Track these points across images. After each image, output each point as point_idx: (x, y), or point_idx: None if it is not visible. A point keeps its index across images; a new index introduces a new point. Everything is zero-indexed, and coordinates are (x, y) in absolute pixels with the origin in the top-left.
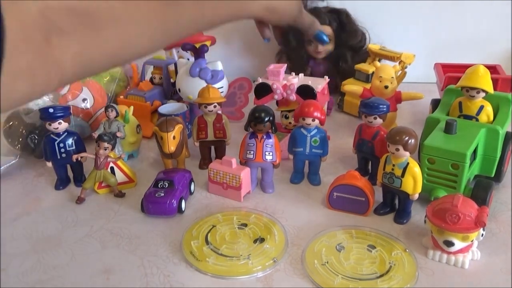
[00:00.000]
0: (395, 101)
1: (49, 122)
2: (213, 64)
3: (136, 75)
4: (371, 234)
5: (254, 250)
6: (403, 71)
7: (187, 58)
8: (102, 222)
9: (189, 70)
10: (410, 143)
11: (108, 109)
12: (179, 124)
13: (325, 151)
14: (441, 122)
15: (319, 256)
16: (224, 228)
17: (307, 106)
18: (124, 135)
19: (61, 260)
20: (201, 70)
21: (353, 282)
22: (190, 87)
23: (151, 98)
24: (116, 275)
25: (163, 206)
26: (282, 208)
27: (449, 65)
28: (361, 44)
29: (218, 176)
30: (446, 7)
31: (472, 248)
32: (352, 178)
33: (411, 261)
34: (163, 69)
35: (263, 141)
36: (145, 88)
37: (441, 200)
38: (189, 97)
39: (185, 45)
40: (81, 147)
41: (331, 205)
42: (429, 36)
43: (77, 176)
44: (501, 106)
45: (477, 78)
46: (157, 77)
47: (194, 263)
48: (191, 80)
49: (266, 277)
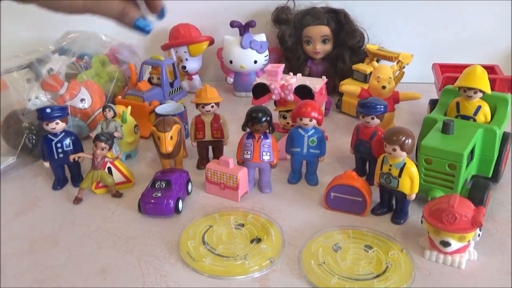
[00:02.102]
0: (393, 101)
1: (47, 122)
2: (260, 36)
3: (134, 75)
4: (368, 234)
5: (251, 250)
6: (401, 71)
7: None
8: (99, 222)
9: (241, 42)
10: (407, 143)
11: (106, 109)
12: (176, 124)
13: (322, 151)
14: (439, 122)
15: (316, 256)
16: (221, 228)
17: (305, 106)
18: (122, 135)
19: (58, 260)
20: (252, 42)
21: (349, 282)
22: (242, 58)
23: (149, 98)
24: (113, 275)
25: (160, 206)
26: (279, 208)
27: (447, 65)
28: (360, 44)
29: (215, 176)
30: (444, 7)
31: (468, 249)
32: (350, 178)
33: (407, 261)
34: (161, 69)
35: (261, 141)
36: (143, 88)
37: (437, 200)
38: (242, 66)
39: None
40: (78, 147)
41: (328, 205)
42: (427, 36)
43: (75, 176)
44: (498, 106)
45: (474, 78)
46: (155, 77)
47: (191, 263)
48: (243, 52)
49: (263, 277)
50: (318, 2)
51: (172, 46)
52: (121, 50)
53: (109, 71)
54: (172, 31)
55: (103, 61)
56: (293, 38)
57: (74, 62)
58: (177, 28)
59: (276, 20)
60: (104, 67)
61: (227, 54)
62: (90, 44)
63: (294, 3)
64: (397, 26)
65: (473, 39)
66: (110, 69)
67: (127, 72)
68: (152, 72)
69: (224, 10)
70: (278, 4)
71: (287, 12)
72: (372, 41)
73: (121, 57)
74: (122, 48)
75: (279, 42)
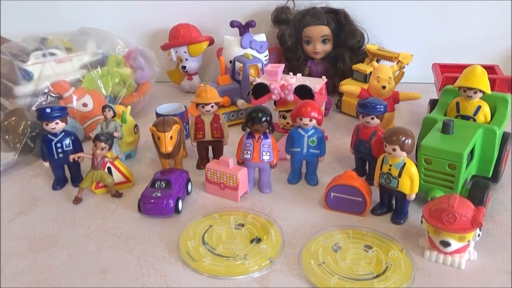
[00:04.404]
0: (393, 101)
1: (46, 122)
2: (260, 36)
3: (223, 67)
4: (368, 234)
5: (251, 250)
6: (401, 71)
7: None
8: (99, 222)
9: (241, 42)
10: (407, 143)
11: (106, 109)
12: (176, 124)
13: (322, 151)
14: (439, 122)
15: (316, 256)
16: (221, 228)
17: (304, 106)
18: (122, 135)
19: (57, 260)
20: (252, 42)
21: (349, 282)
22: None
23: (223, 93)
24: (113, 275)
25: (160, 206)
26: (279, 208)
27: (447, 65)
28: (360, 44)
29: (215, 176)
30: (444, 7)
31: (468, 249)
32: (349, 178)
33: (407, 262)
34: (244, 67)
35: (260, 141)
36: (221, 83)
37: (437, 200)
38: (240, 68)
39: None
40: (78, 147)
41: (328, 205)
42: (427, 36)
43: (74, 176)
44: (498, 106)
45: (474, 78)
46: (241, 74)
47: (191, 263)
48: (242, 52)
49: (263, 277)
50: (318, 2)
51: (172, 46)
52: (137, 56)
53: (122, 73)
54: (172, 31)
55: (119, 62)
56: (293, 38)
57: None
58: (177, 28)
59: (276, 20)
60: (118, 68)
61: (227, 54)
62: (104, 44)
63: (294, 3)
64: (397, 26)
65: (473, 39)
66: (123, 71)
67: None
68: (240, 68)
69: (224, 10)
70: (278, 4)
71: (287, 12)
72: (372, 41)
73: (137, 63)
74: (137, 54)
75: (279, 42)
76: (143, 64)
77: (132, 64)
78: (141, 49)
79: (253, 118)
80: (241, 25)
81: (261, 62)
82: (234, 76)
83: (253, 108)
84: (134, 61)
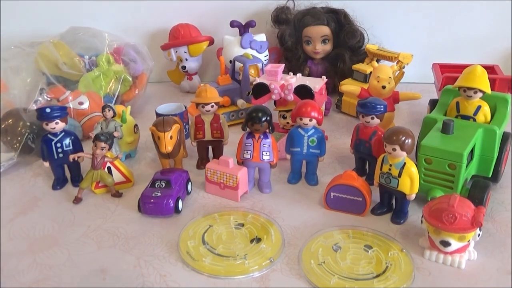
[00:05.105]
0: (393, 101)
1: (46, 122)
2: (260, 36)
3: (223, 67)
4: (368, 234)
5: (251, 250)
6: (401, 71)
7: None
8: (99, 222)
9: (241, 42)
10: (407, 143)
11: (106, 109)
12: (176, 124)
13: (322, 151)
14: (439, 122)
15: (316, 256)
16: (221, 228)
17: (304, 106)
18: (121, 135)
19: (57, 260)
20: (252, 42)
21: (349, 282)
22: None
23: (223, 93)
24: (113, 275)
25: (160, 206)
26: (279, 208)
27: (447, 65)
28: (360, 44)
29: (215, 176)
30: (444, 7)
31: (468, 248)
32: (349, 178)
33: (407, 261)
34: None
35: (260, 141)
36: (221, 83)
37: (437, 200)
38: (240, 68)
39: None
40: (78, 147)
41: (328, 205)
42: (427, 36)
43: (74, 176)
44: (498, 106)
45: (474, 78)
46: (241, 74)
47: (191, 263)
48: (242, 52)
49: (263, 277)
50: (318, 2)
51: (172, 46)
52: (128, 50)
53: (115, 70)
54: (172, 31)
55: (108, 60)
56: (293, 38)
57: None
58: (177, 28)
59: (276, 20)
60: (109, 66)
61: (227, 54)
62: (95, 41)
63: (294, 3)
64: (397, 26)
65: (473, 39)
66: (116, 68)
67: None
68: (240, 68)
69: (224, 10)
70: (278, 4)
71: (287, 12)
72: (372, 41)
73: (128, 57)
74: (128, 48)
75: (279, 42)
76: (134, 57)
77: (124, 59)
78: (132, 44)
79: (253, 118)
80: (241, 25)
81: (261, 62)
82: (234, 76)
83: (253, 108)
84: (125, 55)
